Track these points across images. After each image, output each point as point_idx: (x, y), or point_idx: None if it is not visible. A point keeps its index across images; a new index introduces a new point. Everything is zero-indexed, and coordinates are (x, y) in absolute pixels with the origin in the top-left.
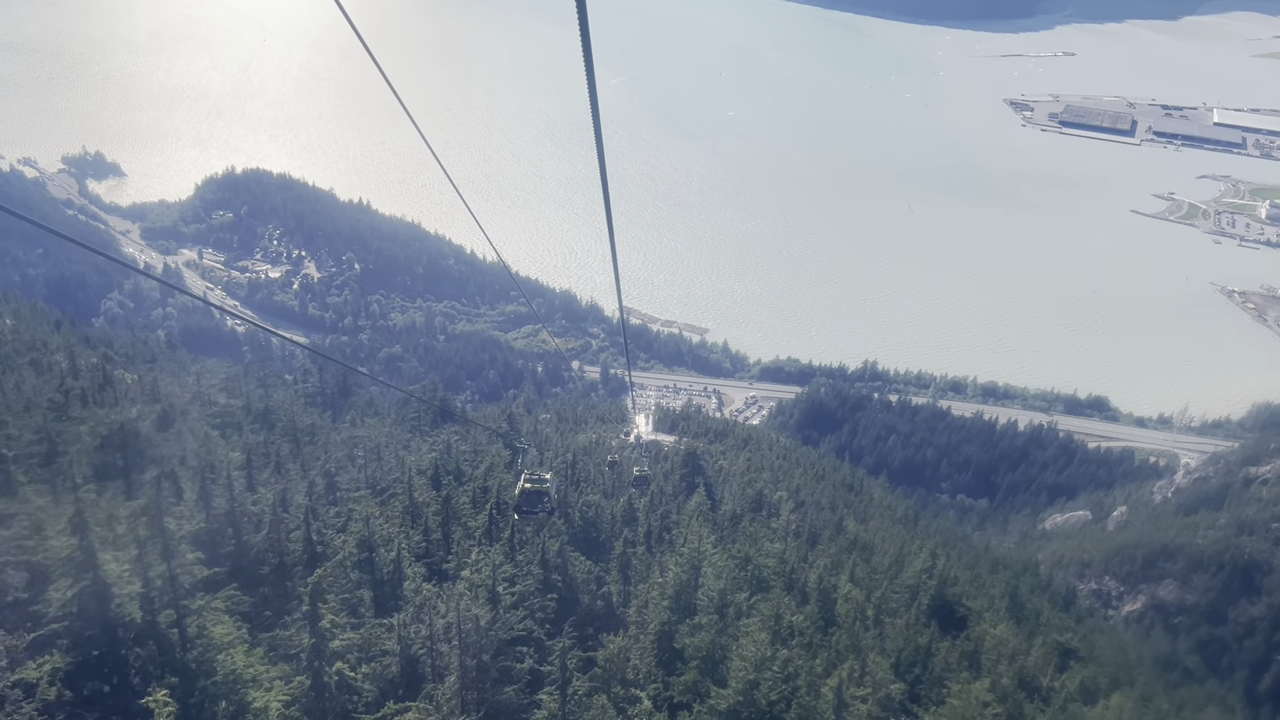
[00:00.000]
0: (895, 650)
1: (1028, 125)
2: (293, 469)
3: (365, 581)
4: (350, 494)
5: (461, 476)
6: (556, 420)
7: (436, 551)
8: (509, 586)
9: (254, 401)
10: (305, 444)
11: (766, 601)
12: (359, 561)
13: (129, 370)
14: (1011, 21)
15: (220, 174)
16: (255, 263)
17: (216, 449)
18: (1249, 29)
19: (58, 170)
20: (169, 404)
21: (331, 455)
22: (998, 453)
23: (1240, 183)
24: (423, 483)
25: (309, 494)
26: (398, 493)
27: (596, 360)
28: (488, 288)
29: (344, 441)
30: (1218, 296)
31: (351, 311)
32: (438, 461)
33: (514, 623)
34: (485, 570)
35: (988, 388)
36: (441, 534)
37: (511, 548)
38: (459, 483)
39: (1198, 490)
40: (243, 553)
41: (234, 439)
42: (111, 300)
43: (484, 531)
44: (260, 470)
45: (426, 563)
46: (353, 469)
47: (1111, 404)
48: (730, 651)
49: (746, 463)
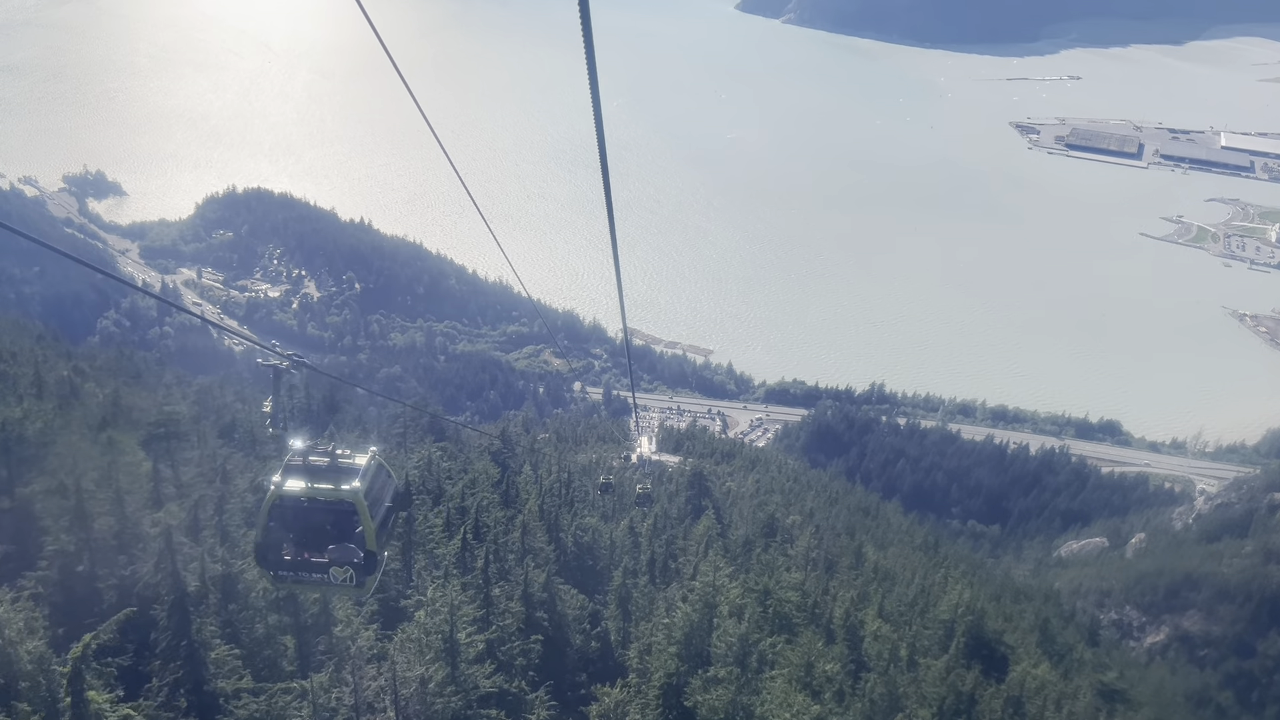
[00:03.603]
0: (936, 698)
1: (1034, 148)
2: (218, 486)
3: (287, 626)
4: None
5: (441, 496)
6: (556, 439)
7: (393, 585)
8: (476, 631)
9: (223, 415)
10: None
11: (795, 647)
12: (279, 600)
13: (102, 385)
14: (1017, 46)
15: (221, 193)
16: (255, 282)
17: (129, 461)
18: (1255, 54)
19: (58, 189)
20: (110, 411)
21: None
22: (1009, 477)
23: (1249, 206)
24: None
25: (217, 512)
26: None
27: (599, 381)
28: (489, 308)
29: None
30: (1229, 320)
31: (351, 331)
32: (410, 478)
33: (479, 679)
34: (445, 611)
35: (997, 411)
36: (402, 562)
37: (486, 579)
38: (435, 503)
39: (1220, 517)
40: (127, 587)
41: (178, 453)
42: (108, 319)
43: (455, 560)
44: (173, 487)
45: (380, 598)
46: None
47: (1124, 428)
48: (755, 712)
49: (756, 485)
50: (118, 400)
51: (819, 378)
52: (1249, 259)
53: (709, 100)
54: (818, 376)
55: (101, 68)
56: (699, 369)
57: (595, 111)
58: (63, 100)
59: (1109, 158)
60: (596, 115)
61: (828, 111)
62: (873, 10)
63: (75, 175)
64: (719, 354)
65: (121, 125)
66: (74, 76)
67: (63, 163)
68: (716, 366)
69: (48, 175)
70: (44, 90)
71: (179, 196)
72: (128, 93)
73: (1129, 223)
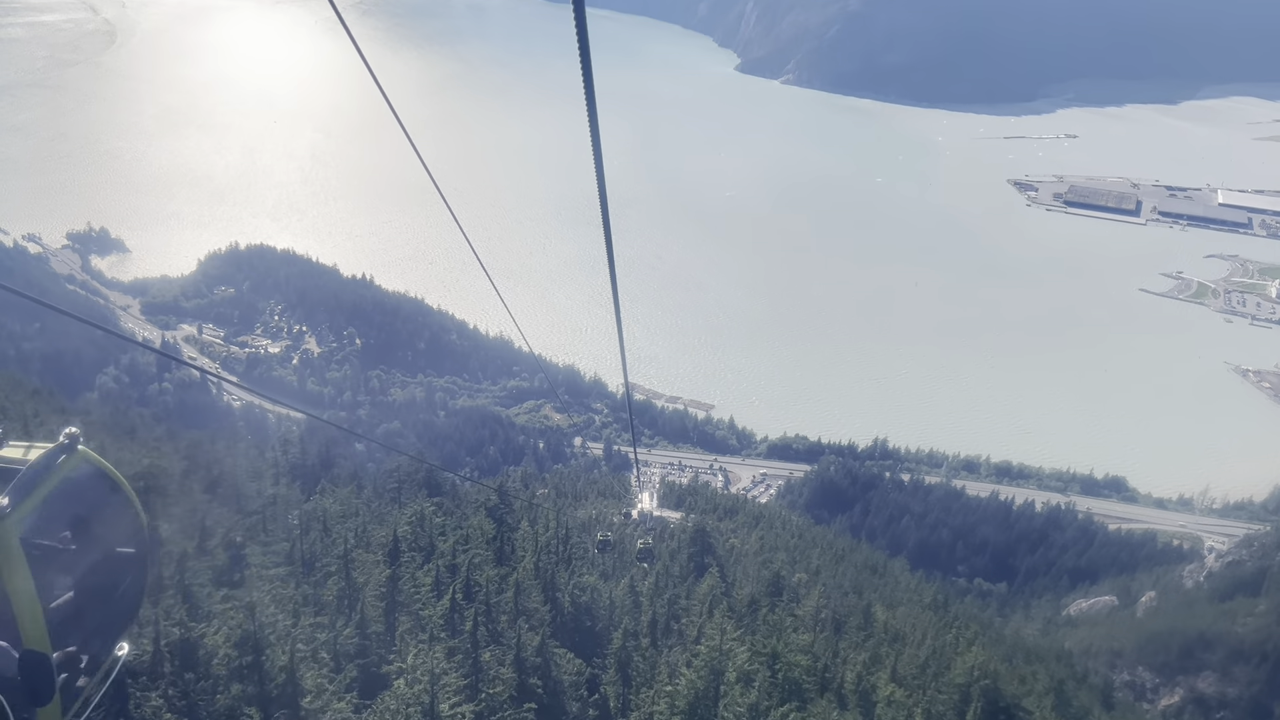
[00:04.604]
0: None
1: (1032, 205)
2: (181, 540)
3: (252, 696)
4: (262, 571)
5: (432, 553)
6: (555, 495)
7: (375, 650)
8: (463, 700)
9: (212, 470)
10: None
11: (808, 717)
12: (238, 668)
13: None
14: (1014, 105)
15: (224, 250)
16: (255, 337)
17: None
18: (1249, 112)
19: (61, 246)
20: None
21: (248, 524)
22: (1015, 534)
23: (1248, 262)
24: (372, 559)
25: (178, 569)
26: (333, 571)
27: (600, 436)
28: (490, 363)
29: (301, 513)
30: (1232, 376)
31: (351, 387)
32: (399, 533)
33: None
34: (425, 680)
35: (1001, 467)
36: (386, 625)
37: (475, 643)
38: (425, 560)
39: (1232, 575)
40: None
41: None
42: (107, 375)
43: (443, 622)
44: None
45: (360, 664)
46: (272, 539)
47: (1129, 484)
48: None
49: (760, 541)
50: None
51: (821, 433)
52: (1250, 315)
53: (710, 158)
54: (820, 432)
55: (106, 128)
56: (700, 424)
57: (597, 167)
58: (67, 159)
59: (1107, 214)
60: (598, 171)
61: (827, 168)
62: (870, 71)
63: (79, 232)
64: (721, 409)
65: (125, 184)
66: (79, 136)
67: (67, 220)
68: (718, 421)
69: (51, 233)
70: (49, 150)
71: (182, 253)
72: (132, 152)
73: (1129, 278)
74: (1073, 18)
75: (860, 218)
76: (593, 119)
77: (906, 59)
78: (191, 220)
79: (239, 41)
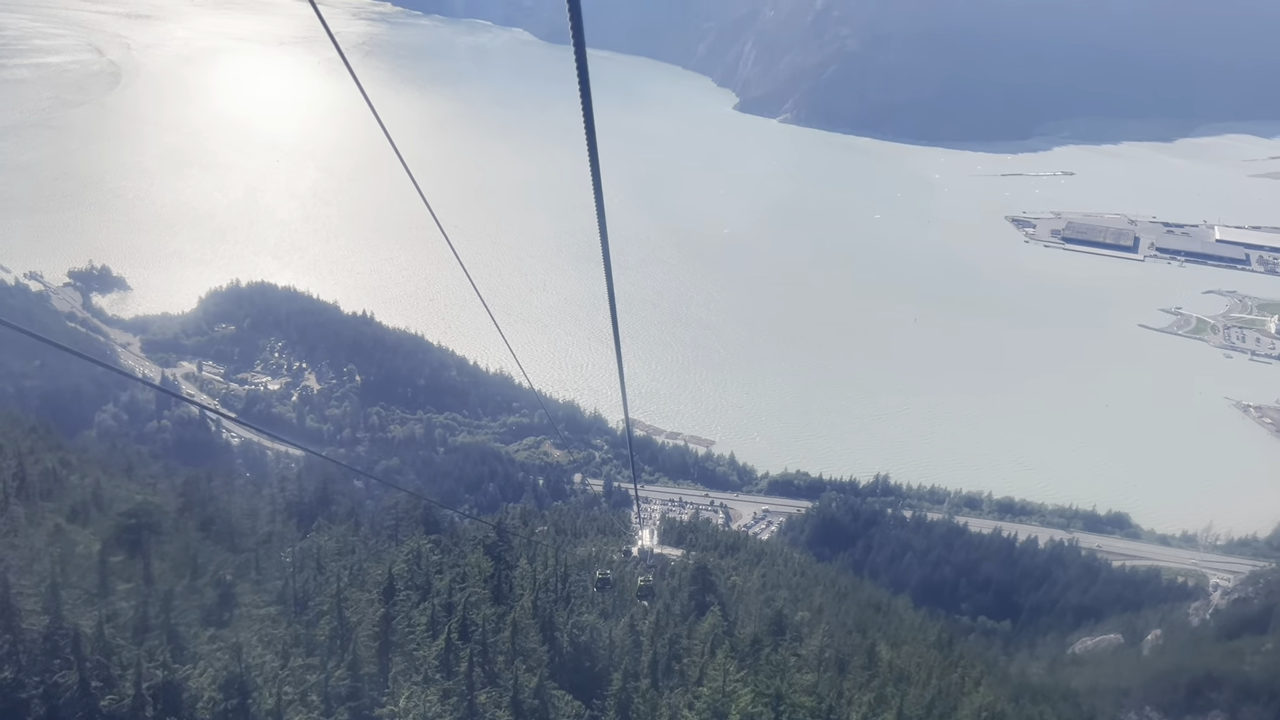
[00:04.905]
0: None
1: (1031, 241)
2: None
3: None
4: (253, 610)
5: (428, 591)
6: (554, 532)
7: (367, 692)
8: None
9: (207, 507)
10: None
11: None
12: (222, 712)
13: (84, 477)
14: (1010, 143)
15: (225, 287)
16: (255, 375)
17: (81, 553)
18: (1243, 150)
19: (63, 284)
20: (79, 501)
21: (238, 562)
22: (1018, 571)
23: (1247, 298)
24: (367, 598)
25: (163, 609)
26: (325, 610)
27: (600, 473)
28: (489, 399)
29: (295, 551)
30: (1233, 411)
31: (350, 424)
32: (394, 571)
33: None
34: None
35: (1004, 503)
36: (379, 666)
37: (470, 684)
38: (421, 598)
39: (1238, 613)
40: (52, 695)
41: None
42: (106, 413)
43: (438, 663)
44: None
45: (351, 707)
46: (265, 577)
47: (1132, 520)
48: None
49: (762, 579)
50: (98, 491)
51: (822, 469)
52: (1250, 350)
53: (710, 196)
54: (821, 468)
55: (110, 167)
56: (701, 460)
57: (598, 204)
58: (71, 199)
59: (1105, 251)
60: (599, 208)
61: (826, 205)
62: (867, 110)
63: (80, 270)
64: (721, 445)
65: (128, 223)
66: (82, 176)
67: (69, 259)
68: (719, 457)
69: (53, 271)
70: (53, 189)
71: (183, 291)
72: (135, 191)
73: (1128, 314)
74: (1066, 57)
75: (859, 254)
76: (593, 157)
77: (903, 98)
78: (193, 258)
79: (243, 83)
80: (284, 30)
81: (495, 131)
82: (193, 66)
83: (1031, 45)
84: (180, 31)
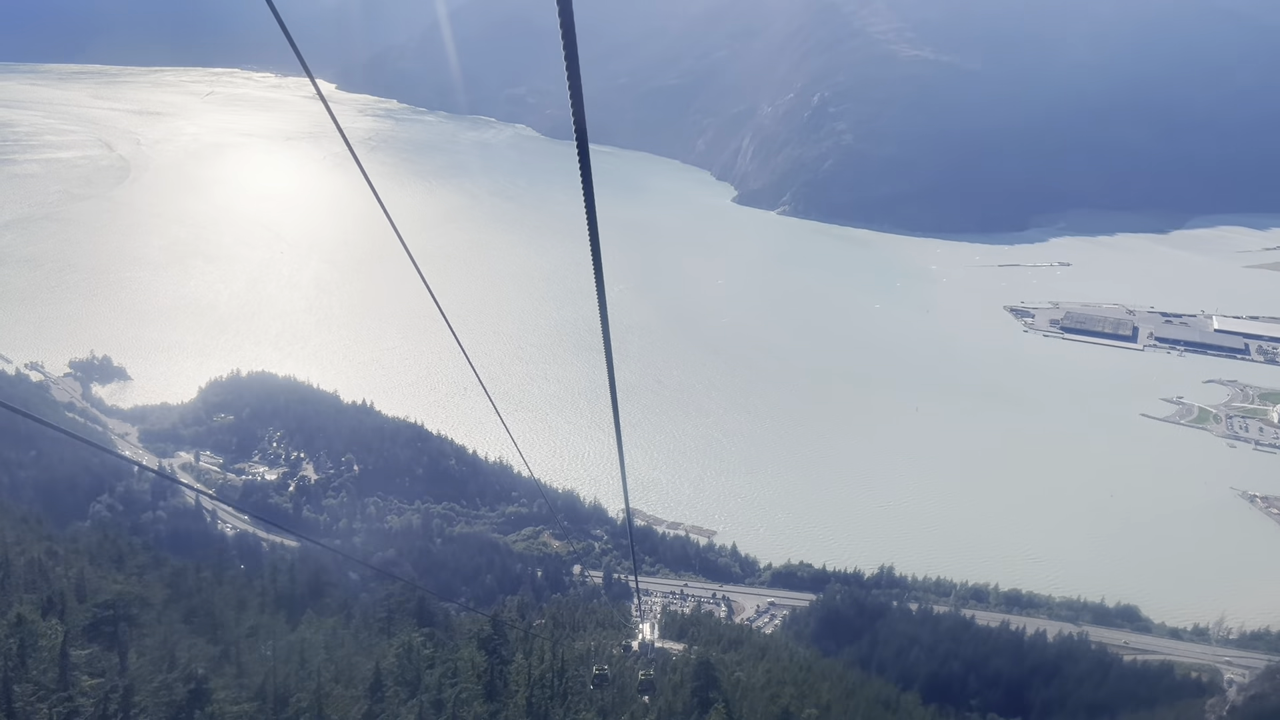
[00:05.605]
0: None
1: (1030, 331)
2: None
3: None
4: (226, 707)
5: (417, 687)
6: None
7: None
8: None
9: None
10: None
11: None
12: None
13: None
14: (1006, 234)
15: (225, 377)
16: (253, 465)
17: (46, 644)
18: (1237, 241)
19: (63, 374)
20: (56, 592)
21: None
22: (1028, 666)
23: (1248, 387)
24: (351, 695)
25: (122, 705)
26: (305, 708)
27: (599, 564)
28: (488, 488)
29: (277, 644)
30: (1240, 502)
31: (346, 514)
32: (383, 666)
33: None
34: None
35: (1011, 595)
36: None
37: None
38: (410, 694)
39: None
40: None
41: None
42: (100, 503)
43: None
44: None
45: None
46: (245, 672)
47: (1142, 613)
48: None
49: (767, 675)
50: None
51: (826, 560)
52: (1254, 440)
53: (710, 285)
54: (825, 558)
55: (114, 259)
56: (702, 550)
57: (599, 294)
58: (74, 290)
59: (1105, 340)
60: (600, 297)
61: (825, 295)
62: (864, 202)
63: (81, 360)
64: (723, 535)
65: (130, 314)
66: (87, 267)
67: (70, 349)
68: (720, 548)
69: (54, 361)
70: (57, 280)
71: (183, 381)
72: (138, 283)
73: (1130, 404)
74: (1058, 151)
75: (859, 343)
76: (594, 245)
77: (900, 190)
78: (194, 349)
79: (249, 176)
80: (291, 126)
81: (498, 223)
82: (200, 161)
83: (1023, 141)
84: (190, 127)
